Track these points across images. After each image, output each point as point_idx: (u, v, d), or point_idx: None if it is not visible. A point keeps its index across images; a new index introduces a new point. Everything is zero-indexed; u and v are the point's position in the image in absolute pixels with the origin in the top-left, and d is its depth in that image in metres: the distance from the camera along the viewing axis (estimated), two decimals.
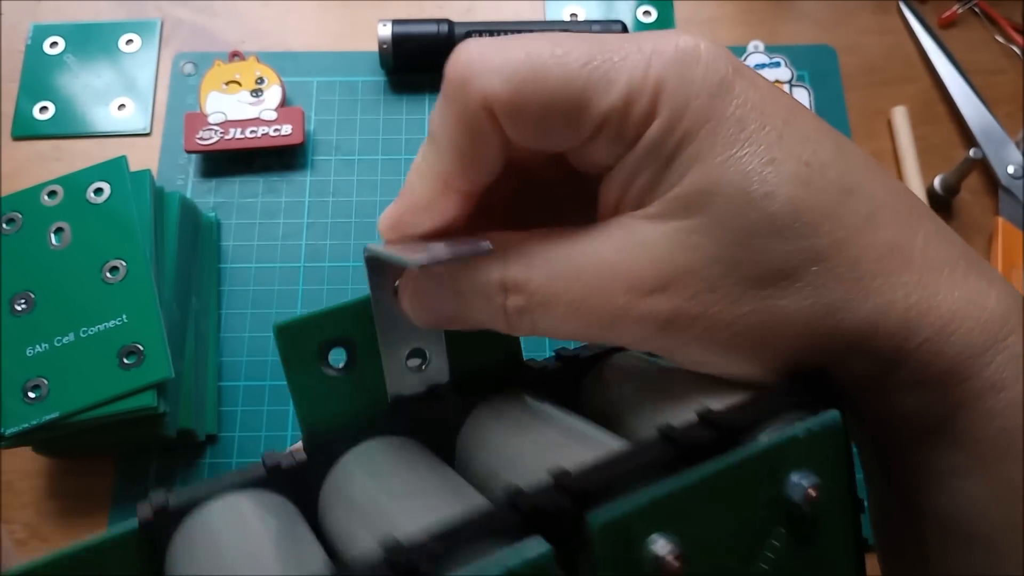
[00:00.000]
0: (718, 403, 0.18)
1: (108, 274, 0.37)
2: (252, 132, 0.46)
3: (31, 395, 0.35)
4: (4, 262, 0.37)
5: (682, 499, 0.16)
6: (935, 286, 0.17)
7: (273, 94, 0.47)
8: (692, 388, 0.20)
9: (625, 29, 0.49)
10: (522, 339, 0.23)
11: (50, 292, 0.37)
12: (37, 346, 0.36)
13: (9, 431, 0.34)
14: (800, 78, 0.50)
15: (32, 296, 0.37)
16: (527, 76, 0.17)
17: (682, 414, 0.18)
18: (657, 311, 0.18)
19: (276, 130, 0.46)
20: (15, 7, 0.52)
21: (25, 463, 0.41)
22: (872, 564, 0.21)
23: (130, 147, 0.47)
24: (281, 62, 0.49)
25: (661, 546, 0.15)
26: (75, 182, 0.39)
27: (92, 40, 0.51)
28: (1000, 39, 0.52)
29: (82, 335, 0.36)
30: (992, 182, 0.48)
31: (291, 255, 0.45)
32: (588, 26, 0.49)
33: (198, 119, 0.46)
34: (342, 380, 0.21)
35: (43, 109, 0.49)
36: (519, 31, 0.48)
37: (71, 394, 0.35)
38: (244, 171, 0.47)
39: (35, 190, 0.39)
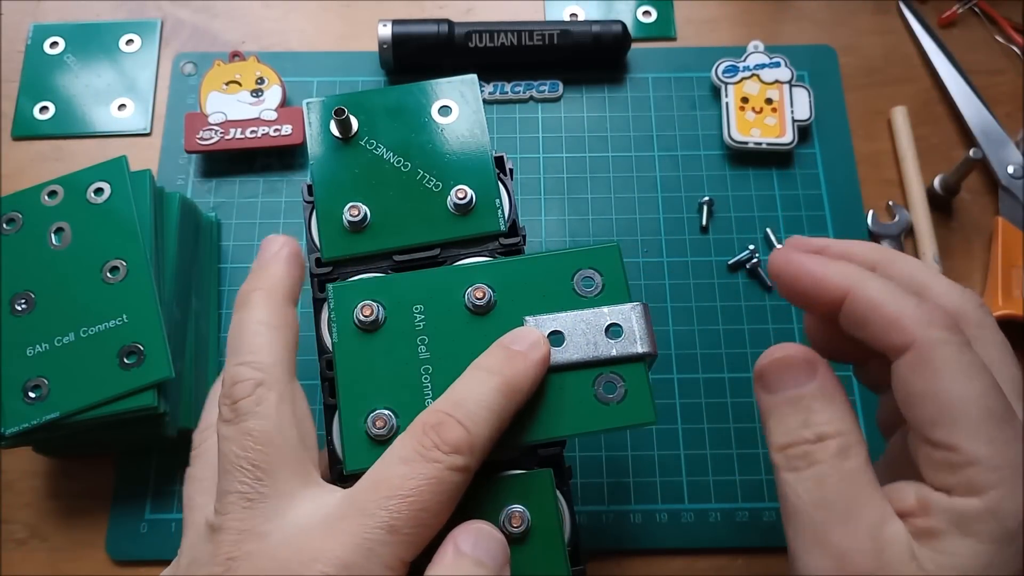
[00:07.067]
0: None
1: (108, 274, 0.37)
2: (252, 132, 0.46)
3: (31, 395, 0.35)
4: (4, 262, 0.37)
5: None
6: None
7: (273, 94, 0.47)
8: None
9: (625, 29, 0.49)
10: None
11: (50, 292, 0.37)
12: (37, 346, 0.36)
13: (9, 431, 0.35)
14: (800, 78, 0.50)
15: (32, 296, 0.37)
16: None
17: None
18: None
19: (276, 130, 0.46)
20: (15, 7, 0.52)
21: (25, 463, 0.41)
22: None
23: (130, 147, 0.47)
24: (281, 62, 0.49)
25: None
26: (75, 182, 0.39)
27: (92, 40, 0.51)
28: (1000, 39, 0.52)
29: (82, 335, 0.36)
30: (992, 182, 0.48)
31: None
32: (588, 26, 0.49)
33: (198, 119, 0.46)
34: None
35: (43, 109, 0.49)
36: (518, 31, 0.48)
37: (71, 394, 0.35)
38: (244, 171, 0.47)
39: (35, 190, 0.39)
